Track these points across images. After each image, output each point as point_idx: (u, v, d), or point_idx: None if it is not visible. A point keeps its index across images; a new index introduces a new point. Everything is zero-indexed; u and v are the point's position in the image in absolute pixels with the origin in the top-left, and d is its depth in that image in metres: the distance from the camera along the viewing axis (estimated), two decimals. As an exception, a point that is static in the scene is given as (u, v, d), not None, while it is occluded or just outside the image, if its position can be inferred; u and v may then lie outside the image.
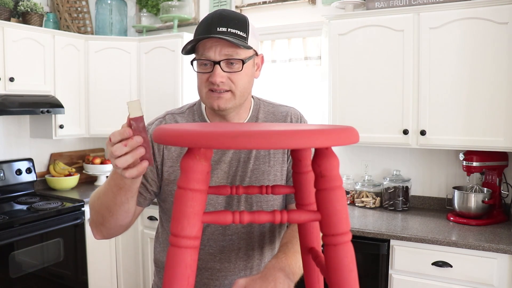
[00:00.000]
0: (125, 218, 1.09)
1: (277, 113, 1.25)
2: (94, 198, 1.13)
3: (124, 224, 1.12)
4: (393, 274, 2.24)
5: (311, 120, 3.06)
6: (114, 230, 1.13)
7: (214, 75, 1.07)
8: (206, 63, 1.09)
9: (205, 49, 1.07)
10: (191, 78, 3.18)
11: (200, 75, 1.11)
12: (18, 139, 3.22)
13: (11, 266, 2.47)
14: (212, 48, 1.07)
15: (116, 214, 1.07)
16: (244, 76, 1.11)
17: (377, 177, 2.88)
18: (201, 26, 1.10)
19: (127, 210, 1.07)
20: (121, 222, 1.10)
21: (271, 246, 1.24)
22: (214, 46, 1.07)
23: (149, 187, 1.17)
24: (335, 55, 2.63)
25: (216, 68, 1.07)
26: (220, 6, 3.34)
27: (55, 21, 3.30)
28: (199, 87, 1.14)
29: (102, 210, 1.08)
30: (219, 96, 1.10)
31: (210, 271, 1.17)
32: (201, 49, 1.08)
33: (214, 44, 1.06)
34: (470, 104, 2.31)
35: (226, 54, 1.07)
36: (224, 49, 1.06)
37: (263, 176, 1.18)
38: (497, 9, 2.21)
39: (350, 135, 0.66)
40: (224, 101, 1.10)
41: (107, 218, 1.09)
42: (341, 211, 0.68)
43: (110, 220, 1.09)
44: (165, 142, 0.65)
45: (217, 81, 1.07)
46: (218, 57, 1.07)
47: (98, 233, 1.16)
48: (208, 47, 1.07)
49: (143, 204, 1.18)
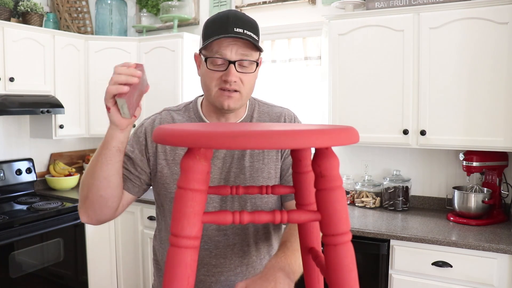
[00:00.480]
0: (106, 187, 1.09)
1: (271, 113, 1.27)
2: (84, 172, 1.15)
3: (105, 196, 1.10)
4: (393, 274, 2.24)
5: (311, 120, 3.07)
6: (97, 203, 1.11)
7: (229, 74, 1.08)
8: (220, 61, 1.09)
9: (221, 47, 1.08)
10: (191, 78, 3.18)
11: (211, 72, 1.11)
12: (18, 139, 3.22)
13: (11, 266, 2.47)
14: (229, 47, 1.08)
15: (96, 179, 1.07)
16: (252, 77, 1.14)
17: (377, 177, 2.88)
18: (215, 23, 1.10)
19: (106, 176, 1.07)
20: (102, 191, 1.09)
21: (267, 242, 1.25)
22: (231, 45, 1.08)
23: (138, 174, 1.19)
24: (335, 55, 2.63)
25: (231, 67, 1.08)
26: (220, 6, 3.34)
27: (55, 21, 3.30)
28: (207, 85, 1.13)
29: (87, 177, 1.11)
30: (229, 95, 1.11)
31: (206, 267, 1.18)
32: (216, 46, 1.09)
33: (231, 43, 1.08)
34: (470, 104, 2.31)
35: (242, 54, 1.09)
36: (240, 49, 1.08)
37: (258, 173, 1.19)
38: (497, 9, 2.21)
39: (350, 135, 0.66)
40: (234, 101, 1.12)
41: (89, 185, 1.10)
42: (341, 211, 0.68)
43: (92, 188, 1.09)
44: (165, 142, 0.65)
45: (232, 80, 1.08)
46: (234, 57, 1.08)
47: (83, 212, 1.15)
48: (225, 46, 1.08)
49: (131, 191, 1.19)
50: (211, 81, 1.12)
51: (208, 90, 1.14)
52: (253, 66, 1.12)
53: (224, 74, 1.09)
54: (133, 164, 1.19)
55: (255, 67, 1.13)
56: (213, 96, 1.13)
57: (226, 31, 1.07)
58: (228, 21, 1.08)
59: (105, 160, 1.06)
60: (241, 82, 1.11)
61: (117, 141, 1.05)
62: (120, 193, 1.15)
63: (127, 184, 1.19)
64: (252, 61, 1.11)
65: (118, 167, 1.09)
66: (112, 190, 1.11)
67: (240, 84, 1.11)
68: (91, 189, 1.10)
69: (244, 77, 1.11)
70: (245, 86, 1.12)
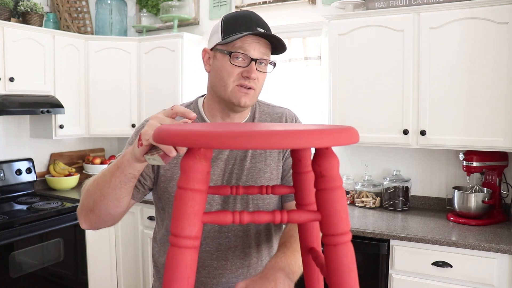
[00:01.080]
0: (116, 207, 1.08)
1: (272, 114, 1.27)
2: (89, 181, 1.13)
3: (113, 214, 1.10)
4: (393, 274, 2.24)
5: (311, 120, 3.07)
6: (103, 218, 1.11)
7: (251, 71, 1.09)
8: (241, 57, 1.10)
9: (245, 43, 1.09)
10: (191, 78, 3.18)
11: (231, 67, 1.11)
12: (18, 139, 3.22)
13: (11, 266, 2.47)
14: (252, 45, 1.09)
15: (107, 199, 1.05)
16: (265, 78, 1.16)
17: (377, 177, 2.88)
18: (238, 20, 1.12)
19: (119, 198, 1.06)
20: (111, 210, 1.08)
21: (268, 244, 1.25)
22: (254, 43, 1.09)
23: (142, 180, 1.18)
24: (335, 55, 2.63)
25: (253, 64, 1.10)
26: (220, 6, 3.34)
27: (55, 21, 3.30)
28: (225, 79, 1.12)
29: (95, 192, 1.07)
30: (246, 92, 1.12)
31: (207, 269, 1.18)
32: (240, 43, 1.09)
33: (255, 41, 1.09)
34: (470, 104, 2.31)
35: (263, 53, 1.11)
36: (262, 48, 1.10)
37: (259, 175, 1.19)
38: (497, 9, 2.21)
39: (350, 135, 0.66)
40: (250, 99, 1.13)
41: (97, 202, 1.07)
42: (341, 211, 0.68)
43: (100, 205, 1.07)
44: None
45: (253, 77, 1.10)
46: (257, 55, 1.10)
47: (85, 221, 1.14)
48: (249, 42, 1.09)
49: (135, 197, 1.19)
50: (230, 76, 1.11)
51: (224, 86, 1.12)
52: (270, 67, 1.15)
53: (245, 70, 1.10)
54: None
55: (272, 68, 1.15)
56: (230, 91, 1.12)
57: (251, 28, 1.09)
58: (251, 20, 1.11)
59: (119, 184, 1.03)
60: (258, 80, 1.13)
61: (133, 170, 1.01)
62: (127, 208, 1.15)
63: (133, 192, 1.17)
64: (270, 61, 1.14)
65: (130, 190, 1.07)
66: (121, 209, 1.11)
67: (256, 82, 1.12)
68: (99, 205, 1.08)
69: (260, 76, 1.13)
70: (259, 85, 1.14)
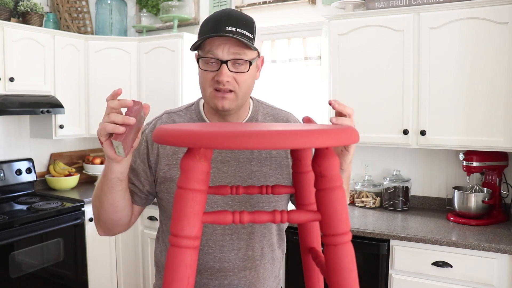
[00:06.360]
0: (115, 211, 1.11)
1: (277, 117, 1.25)
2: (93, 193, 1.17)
3: (115, 219, 1.13)
4: (393, 274, 2.24)
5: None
6: (109, 224, 1.15)
7: (221, 74, 1.06)
8: (212, 61, 1.07)
9: (213, 46, 1.06)
10: (191, 78, 3.18)
11: (205, 73, 1.09)
12: (18, 139, 3.22)
13: (11, 266, 2.47)
14: (220, 47, 1.05)
15: (104, 205, 1.09)
16: (248, 77, 1.10)
17: (377, 177, 2.88)
18: (208, 23, 1.08)
19: (113, 203, 1.09)
20: (111, 215, 1.12)
21: (271, 247, 1.23)
22: (222, 44, 1.05)
23: (141, 187, 1.19)
24: (335, 55, 2.63)
25: (223, 67, 1.06)
26: (220, 6, 3.34)
27: (55, 21, 3.30)
28: (202, 85, 1.12)
29: (96, 201, 1.13)
30: (223, 96, 1.09)
31: (209, 271, 1.17)
32: (208, 46, 1.07)
33: (223, 42, 1.05)
34: (470, 104, 2.31)
35: (234, 53, 1.06)
36: (232, 48, 1.06)
37: (265, 179, 1.17)
38: (497, 9, 2.21)
39: (350, 135, 0.66)
40: (229, 102, 1.09)
41: (99, 209, 1.13)
42: (341, 211, 0.68)
43: (101, 212, 1.12)
44: (165, 142, 0.65)
45: (224, 80, 1.06)
46: (226, 56, 1.06)
47: (99, 228, 1.19)
48: (216, 45, 1.06)
49: (139, 203, 1.20)
50: (205, 81, 1.10)
51: (204, 91, 1.12)
52: (247, 65, 1.08)
53: (216, 74, 1.07)
54: (137, 176, 1.18)
55: (249, 66, 1.09)
56: (208, 96, 1.11)
57: (218, 30, 1.04)
58: (220, 20, 1.06)
59: (108, 189, 1.05)
60: (236, 82, 1.08)
61: (116, 173, 1.02)
62: (129, 212, 1.16)
63: (134, 198, 1.19)
64: (245, 60, 1.07)
65: (123, 193, 1.08)
66: (121, 213, 1.12)
67: (234, 84, 1.08)
68: (100, 212, 1.12)
69: (238, 77, 1.08)
70: (240, 86, 1.09)
